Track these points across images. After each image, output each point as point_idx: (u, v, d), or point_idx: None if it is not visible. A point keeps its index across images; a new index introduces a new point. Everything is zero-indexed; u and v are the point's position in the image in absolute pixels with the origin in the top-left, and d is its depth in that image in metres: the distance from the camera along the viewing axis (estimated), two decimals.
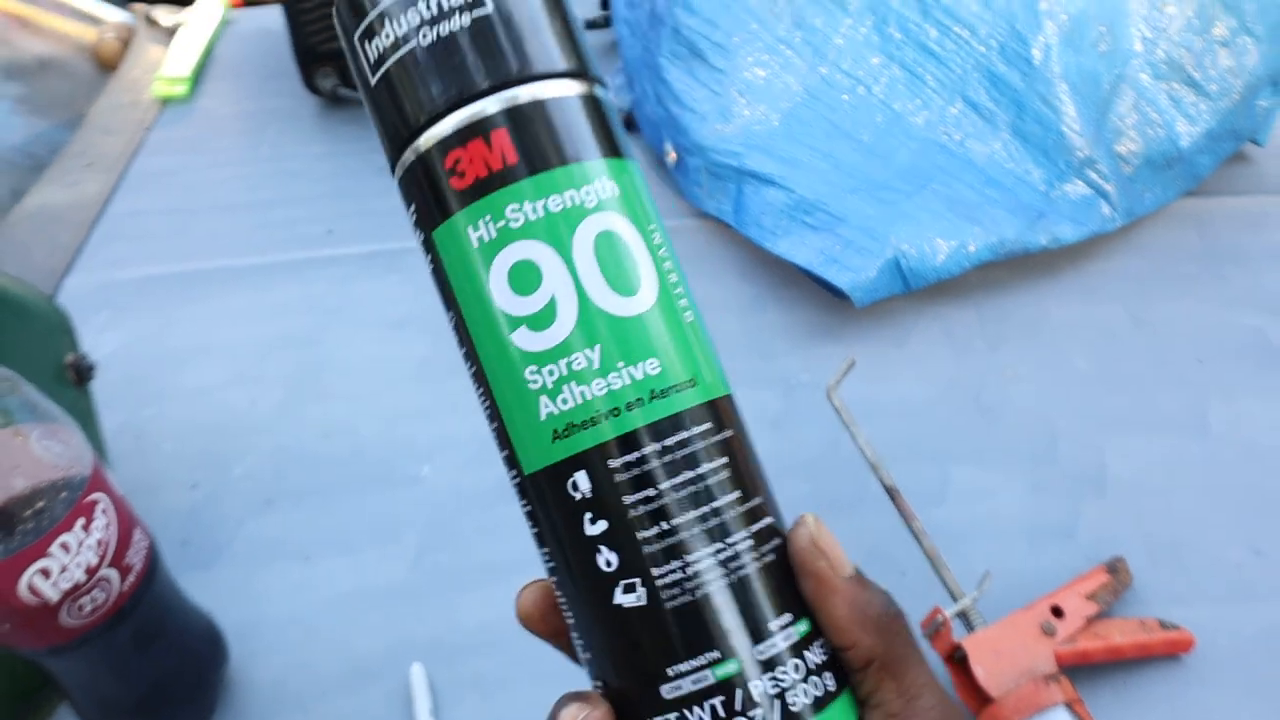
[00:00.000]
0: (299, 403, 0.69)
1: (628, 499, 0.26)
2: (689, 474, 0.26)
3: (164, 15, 1.18)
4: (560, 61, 0.28)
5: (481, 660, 0.55)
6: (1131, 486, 0.64)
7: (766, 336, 0.74)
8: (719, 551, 0.26)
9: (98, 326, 0.74)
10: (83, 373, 0.60)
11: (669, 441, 0.26)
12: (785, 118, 0.80)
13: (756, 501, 0.27)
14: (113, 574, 0.45)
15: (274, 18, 0.94)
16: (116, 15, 1.17)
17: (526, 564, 0.29)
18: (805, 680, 0.27)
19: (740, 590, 0.26)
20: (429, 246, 0.28)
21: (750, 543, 0.27)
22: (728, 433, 0.27)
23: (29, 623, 0.43)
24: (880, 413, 0.67)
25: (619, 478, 0.26)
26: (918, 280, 0.72)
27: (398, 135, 0.28)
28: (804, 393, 0.69)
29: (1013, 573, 0.57)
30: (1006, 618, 0.53)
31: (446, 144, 0.27)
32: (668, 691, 0.26)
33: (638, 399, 0.26)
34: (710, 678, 0.26)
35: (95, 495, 0.44)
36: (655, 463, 0.26)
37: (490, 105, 0.26)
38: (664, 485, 0.26)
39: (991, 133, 0.79)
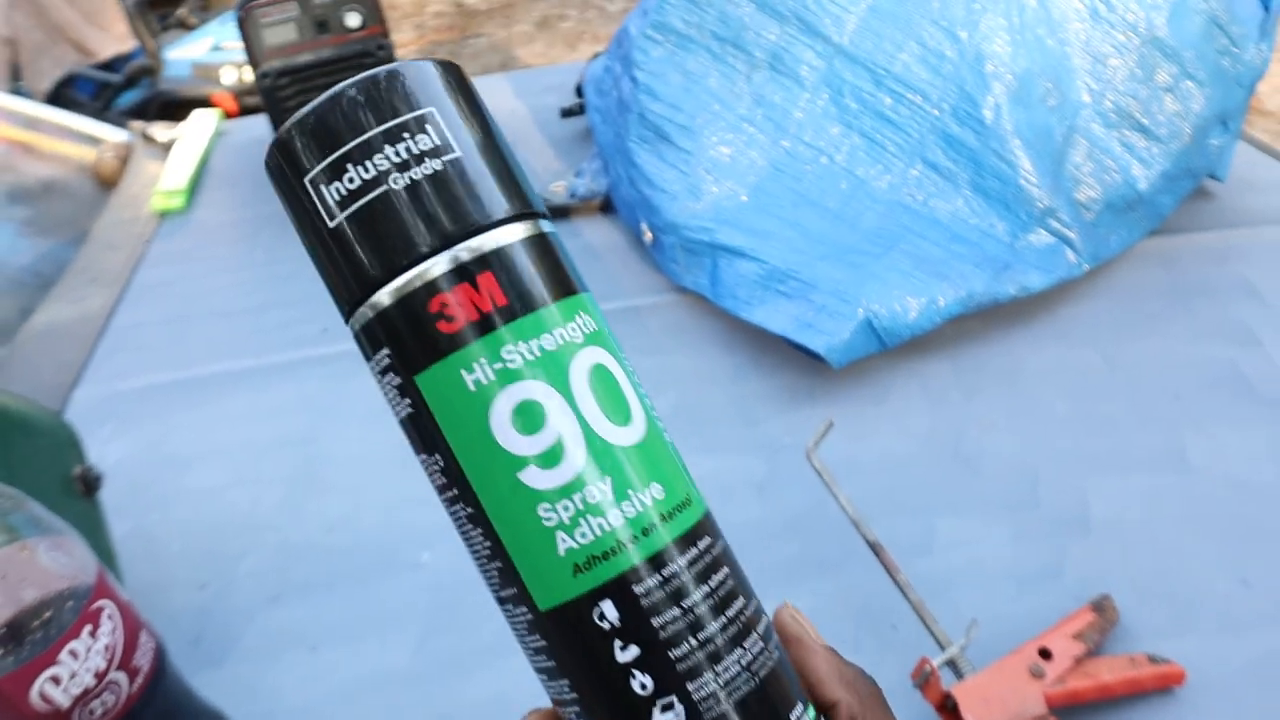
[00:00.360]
0: (300, 498, 0.72)
1: (657, 620, 0.26)
2: (706, 588, 0.27)
3: (160, 131, 1.23)
4: (534, 201, 0.28)
5: None
6: (1115, 525, 0.65)
7: (749, 403, 0.76)
8: (741, 656, 0.27)
9: (104, 437, 0.76)
10: (91, 483, 0.62)
11: (685, 560, 0.27)
12: (753, 191, 0.83)
13: (755, 604, 0.28)
14: (121, 677, 0.46)
15: (264, 126, 0.98)
16: (115, 134, 1.22)
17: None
18: None
19: (761, 690, 0.27)
20: (407, 391, 0.27)
21: (761, 643, 0.28)
22: (722, 542, 0.28)
23: None
24: (863, 470, 0.69)
25: (646, 601, 0.26)
26: (892, 338, 0.74)
27: (366, 280, 0.26)
28: (787, 455, 0.71)
29: (1000, 618, 0.58)
30: (995, 663, 0.54)
31: (432, 288, 0.26)
32: None
33: (651, 524, 0.26)
34: None
35: (101, 602, 0.46)
36: (677, 582, 0.26)
37: (476, 248, 0.26)
38: (688, 602, 0.26)
39: (953, 191, 0.82)
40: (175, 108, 2.37)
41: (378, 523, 0.69)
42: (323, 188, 0.26)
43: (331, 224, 0.27)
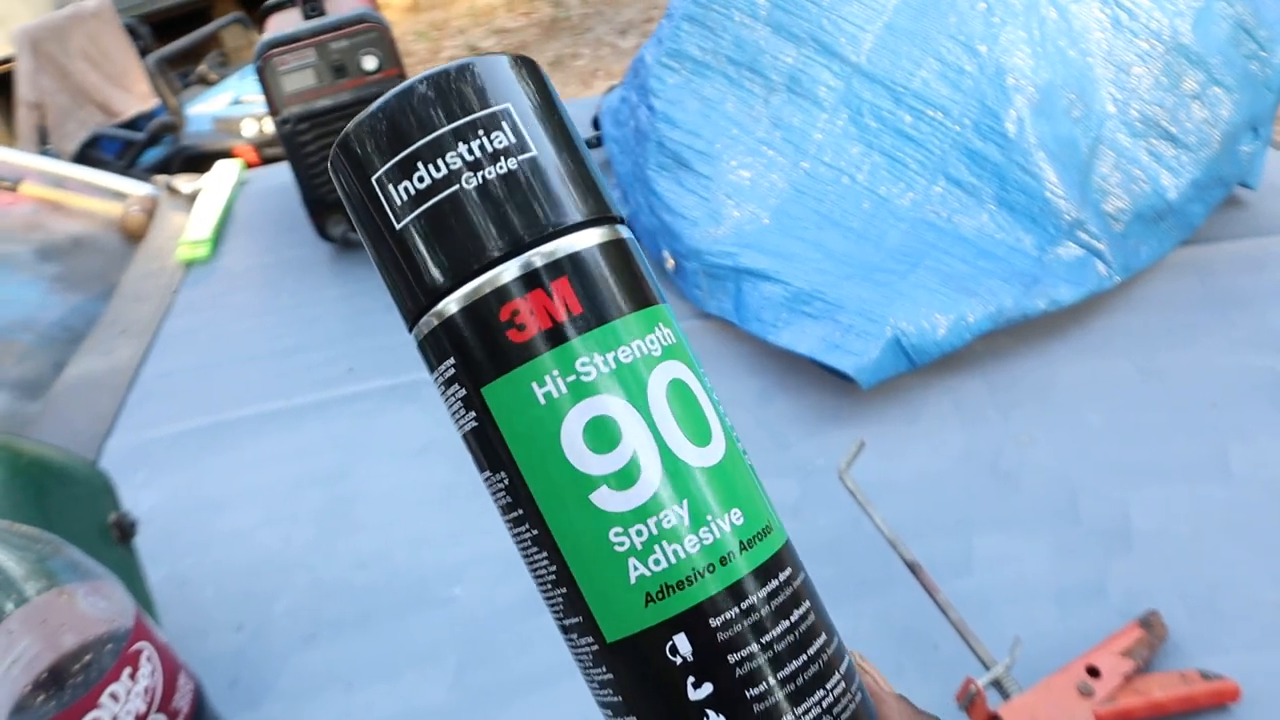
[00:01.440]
0: (331, 536, 0.71)
1: (733, 657, 0.24)
2: (786, 622, 0.25)
3: (183, 183, 1.25)
4: (611, 204, 0.27)
5: None
6: (1158, 538, 0.64)
7: (779, 426, 0.75)
8: (823, 699, 0.25)
9: (137, 484, 0.77)
10: (126, 530, 0.62)
11: (764, 592, 0.25)
12: (774, 214, 0.83)
13: (837, 641, 0.27)
14: (161, 719, 0.46)
15: (285, 174, 0.99)
16: (140, 188, 1.24)
17: (563, 673, 0.29)
18: None
19: None
20: (473, 404, 0.25)
21: (843, 684, 0.26)
22: (802, 576, 0.27)
23: None
24: (897, 490, 0.68)
25: (722, 636, 0.24)
26: (921, 356, 0.74)
27: (432, 286, 0.25)
28: (820, 478, 0.70)
29: (1044, 636, 0.57)
30: (1041, 682, 0.52)
31: (503, 294, 0.24)
32: None
33: (730, 552, 0.25)
34: None
35: (140, 644, 0.46)
36: (756, 616, 0.25)
37: (551, 252, 0.25)
38: (768, 638, 0.25)
39: (977, 206, 0.82)
40: (198, 162, 2.41)
41: (409, 559, 0.69)
42: (390, 187, 0.25)
43: (398, 225, 0.25)
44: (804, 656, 0.25)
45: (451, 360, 0.25)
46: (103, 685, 0.43)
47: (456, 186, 0.25)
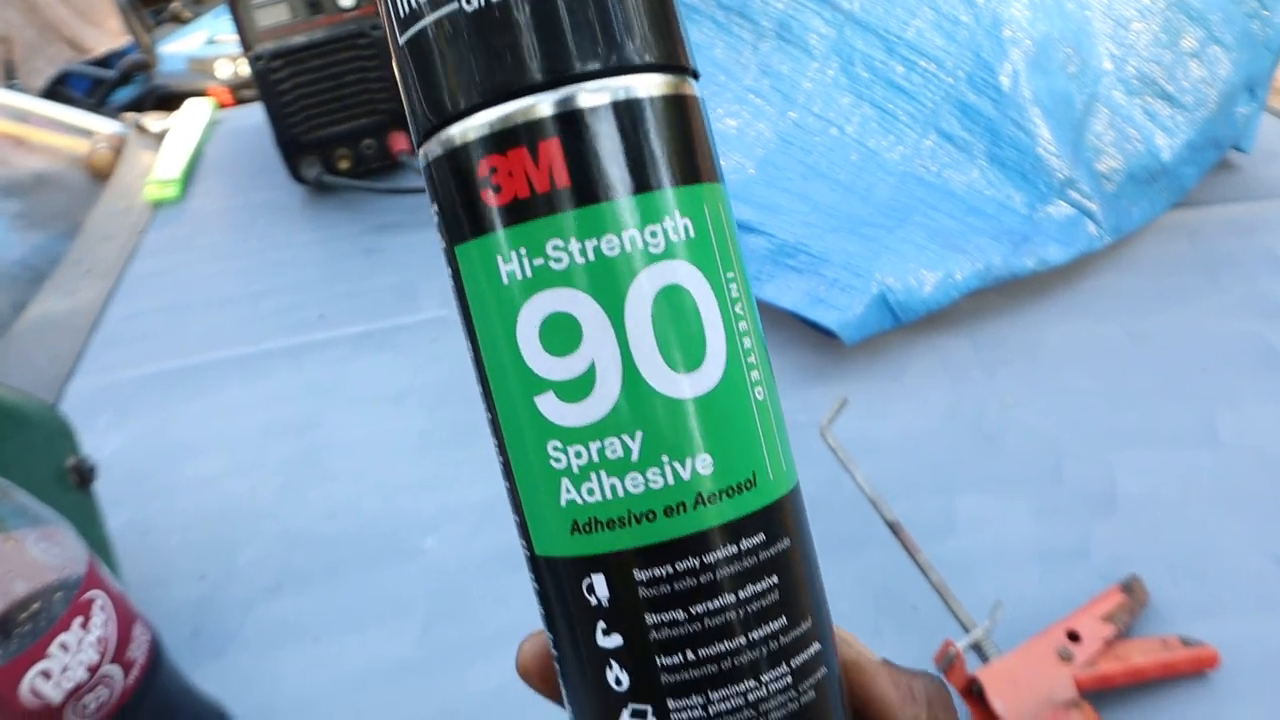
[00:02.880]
0: (301, 485, 0.70)
1: (651, 619, 0.21)
2: (730, 598, 0.22)
3: (153, 122, 1.21)
4: (645, 49, 0.21)
5: None
6: (1143, 502, 0.63)
7: None
8: (750, 691, 0.22)
9: (101, 428, 0.75)
10: (85, 475, 0.60)
11: (717, 556, 0.21)
12: (760, 165, 0.81)
13: (803, 628, 0.23)
14: (115, 670, 0.44)
15: (258, 114, 0.96)
16: (108, 126, 1.20)
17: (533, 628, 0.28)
18: None
19: None
20: (450, 258, 0.22)
21: (787, 680, 0.22)
22: (782, 544, 0.22)
23: None
24: (881, 448, 0.66)
25: (644, 593, 0.21)
26: (907, 313, 0.72)
27: (423, 118, 0.22)
28: (802, 434, 0.69)
29: (1026, 599, 0.56)
30: (1022, 646, 0.52)
31: (483, 145, 0.21)
32: None
33: (683, 503, 0.21)
34: None
35: (92, 593, 0.44)
36: (695, 581, 0.21)
37: (543, 104, 0.21)
38: (698, 609, 0.21)
39: (968, 161, 0.80)
40: (171, 103, 2.35)
41: (379, 509, 0.67)
42: None
43: (400, 41, 0.22)
44: (743, 639, 0.22)
45: (436, 205, 0.23)
46: (52, 635, 0.41)
47: (456, 4, 0.21)
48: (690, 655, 0.21)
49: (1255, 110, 0.88)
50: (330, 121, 0.96)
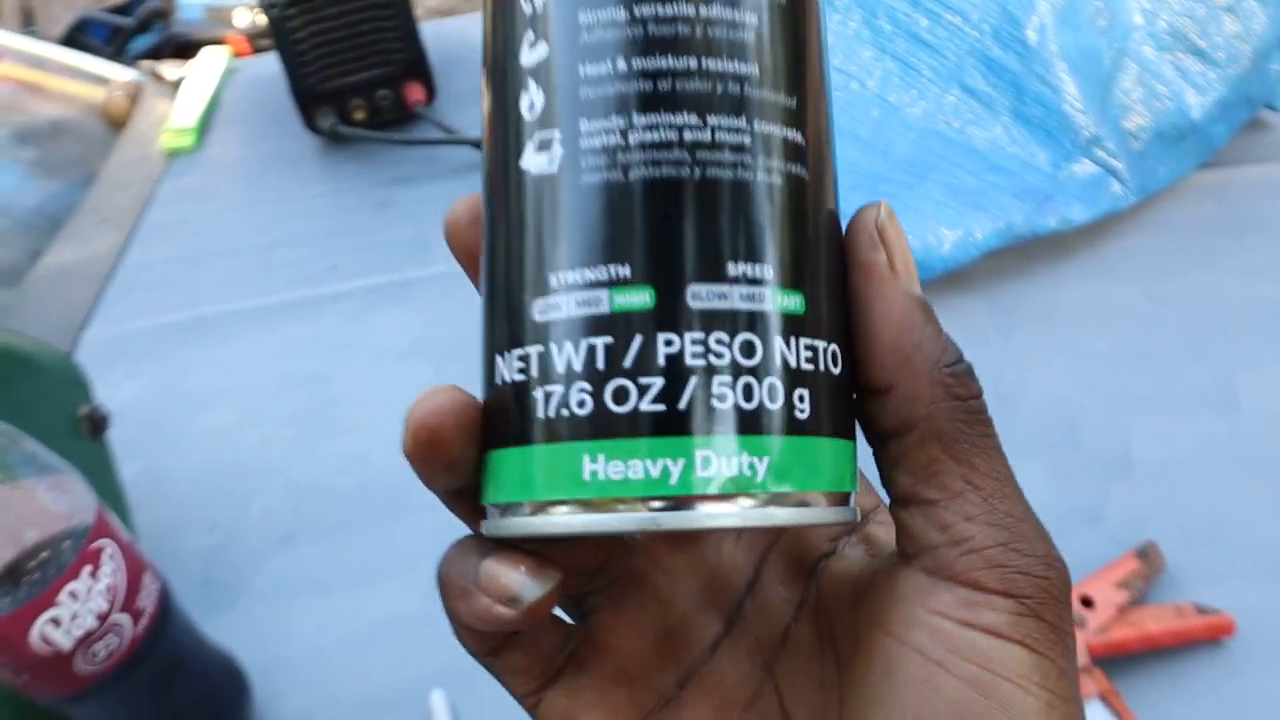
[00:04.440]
0: (312, 438, 0.70)
1: (584, 16, 0.21)
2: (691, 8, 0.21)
3: (169, 70, 1.20)
4: None
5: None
6: (1160, 467, 0.62)
7: None
8: (688, 128, 0.21)
9: (116, 377, 0.75)
10: (98, 424, 0.60)
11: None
12: None
13: (783, 96, 0.22)
14: (125, 619, 0.45)
15: (274, 63, 0.95)
16: (124, 74, 1.19)
17: None
18: (770, 375, 0.20)
19: (706, 190, 0.20)
20: None
21: (743, 137, 0.21)
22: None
23: (45, 672, 0.43)
24: None
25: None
26: (925, 272, 0.71)
27: None
28: None
29: None
30: None
31: None
32: (539, 310, 0.21)
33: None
34: (603, 304, 0.20)
35: (101, 542, 0.44)
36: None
37: None
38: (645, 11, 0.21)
39: (991, 118, 0.78)
40: (189, 51, 2.33)
41: (390, 463, 0.67)
42: None
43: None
44: (699, 60, 0.21)
45: None
46: (61, 582, 0.42)
47: None
48: (619, 66, 0.21)
49: None
50: (345, 71, 0.95)
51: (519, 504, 0.21)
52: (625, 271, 0.20)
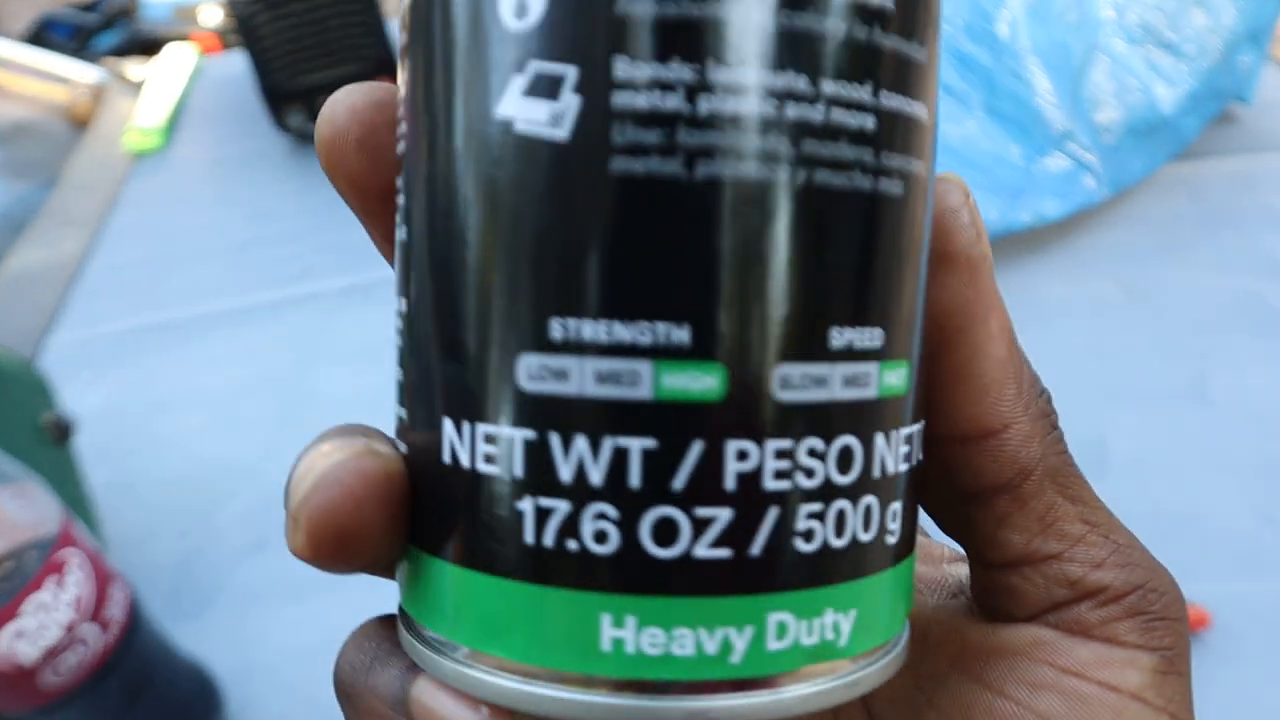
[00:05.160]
0: (285, 441, 0.68)
1: None
2: None
3: (135, 69, 1.18)
4: None
5: None
6: (1134, 462, 0.63)
7: None
8: (807, 103, 0.14)
9: (82, 383, 0.73)
10: (62, 431, 0.59)
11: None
12: None
13: None
14: (92, 630, 0.44)
15: (242, 61, 0.94)
16: (88, 74, 1.17)
17: None
18: (866, 494, 0.15)
19: (810, 205, 0.14)
20: None
21: (882, 110, 0.15)
22: None
23: (10, 686, 0.42)
24: None
25: None
26: None
27: None
28: None
29: None
30: None
31: None
32: (527, 375, 0.14)
33: None
34: (643, 384, 0.13)
35: (66, 551, 0.43)
36: None
37: None
38: None
39: (964, 113, 0.78)
40: (155, 49, 2.31)
41: None
42: None
43: None
44: None
45: None
46: (25, 594, 0.41)
47: None
48: None
49: (1258, 60, 0.86)
50: (314, 68, 0.94)
51: (482, 654, 0.15)
52: (682, 336, 0.13)
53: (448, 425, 0.15)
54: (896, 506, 0.15)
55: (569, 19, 0.13)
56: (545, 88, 0.13)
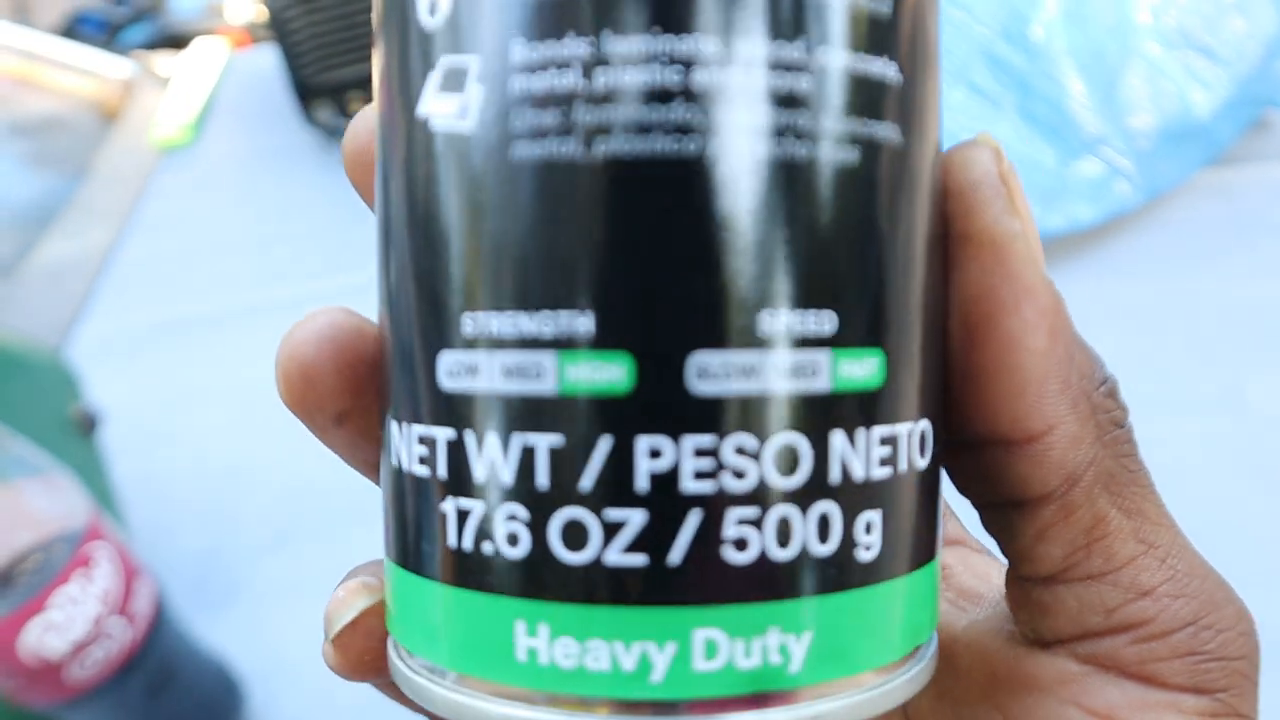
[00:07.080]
0: (309, 438, 0.69)
1: None
2: None
3: (165, 62, 1.19)
4: None
5: None
6: (1167, 471, 0.60)
7: None
8: (716, 66, 0.13)
9: (108, 375, 0.73)
10: (89, 423, 0.59)
11: None
12: None
13: None
14: (118, 623, 0.44)
15: (272, 56, 0.94)
16: (119, 67, 1.18)
17: None
18: (820, 499, 0.13)
19: (725, 178, 0.13)
20: None
21: (818, 69, 0.13)
22: None
23: (36, 679, 0.42)
24: None
25: None
26: None
27: None
28: None
29: None
30: None
31: None
32: (446, 371, 0.14)
33: None
34: (547, 377, 0.13)
35: (94, 545, 0.43)
36: None
37: None
38: None
39: (998, 116, 0.77)
40: (185, 44, 2.32)
41: None
42: None
43: None
44: None
45: None
46: (52, 586, 0.41)
47: None
48: None
49: None
50: (343, 63, 0.94)
51: (433, 665, 0.15)
52: (586, 324, 0.13)
53: (392, 427, 0.15)
54: (872, 517, 0.14)
55: (472, 9, 0.13)
56: (453, 81, 0.13)
